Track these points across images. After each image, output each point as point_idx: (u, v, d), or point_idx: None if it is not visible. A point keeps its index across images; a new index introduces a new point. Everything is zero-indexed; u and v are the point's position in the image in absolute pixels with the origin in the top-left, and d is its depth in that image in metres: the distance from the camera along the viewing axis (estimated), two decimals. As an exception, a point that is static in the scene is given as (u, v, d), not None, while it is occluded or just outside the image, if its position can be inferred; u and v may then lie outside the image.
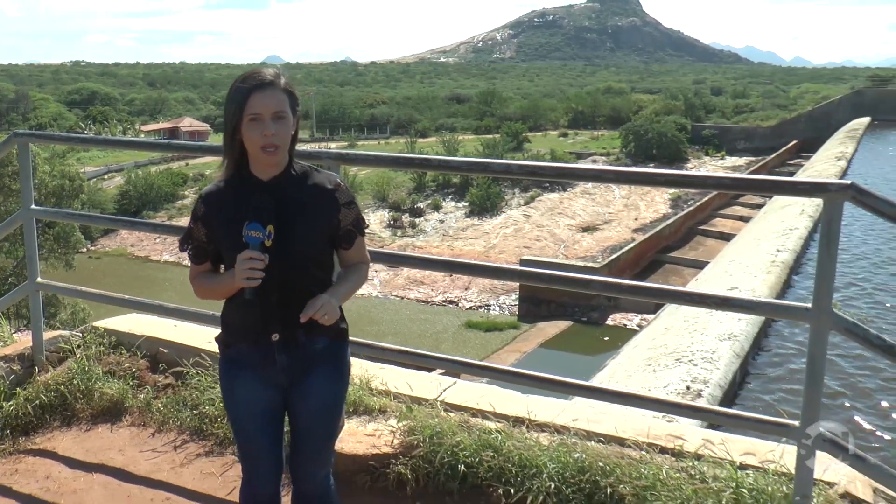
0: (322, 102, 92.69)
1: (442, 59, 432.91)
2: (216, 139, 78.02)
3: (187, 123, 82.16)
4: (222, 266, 2.56)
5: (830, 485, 3.18)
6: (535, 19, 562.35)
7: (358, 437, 3.59)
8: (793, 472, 2.99)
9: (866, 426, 7.80)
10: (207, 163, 56.96)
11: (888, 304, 11.71)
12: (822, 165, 31.53)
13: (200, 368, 4.20)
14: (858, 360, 9.03)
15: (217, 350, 2.69)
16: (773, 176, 7.31)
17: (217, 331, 2.69)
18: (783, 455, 3.23)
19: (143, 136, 70.31)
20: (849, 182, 2.86)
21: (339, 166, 3.70)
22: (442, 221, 44.81)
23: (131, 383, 4.39)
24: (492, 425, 3.59)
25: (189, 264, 2.60)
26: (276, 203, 2.39)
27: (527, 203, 46.14)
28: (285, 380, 2.55)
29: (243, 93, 2.37)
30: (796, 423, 2.96)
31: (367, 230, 2.65)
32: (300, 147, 2.91)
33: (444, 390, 3.99)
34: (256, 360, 2.52)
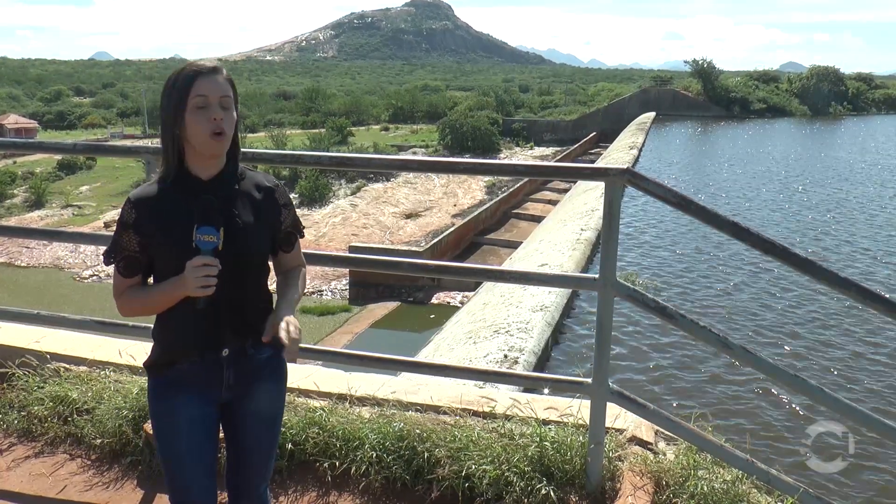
0: (153, 99, 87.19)
1: (268, 58, 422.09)
2: (45, 136, 71.84)
3: (13, 120, 74.35)
4: (150, 279, 2.18)
5: (620, 431, 3.40)
6: (355, 21, 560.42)
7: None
8: (588, 423, 3.14)
9: (648, 378, 8.42)
10: (37, 160, 52.12)
11: (691, 276, 12.95)
12: (618, 154, 33.45)
13: (27, 369, 3.88)
14: (644, 322, 9.71)
15: (44, 349, 2.41)
16: (563, 163, 7.67)
17: (50, 334, 2.44)
18: (580, 409, 3.39)
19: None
20: (625, 167, 3.02)
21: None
22: (273, 213, 43.84)
23: (-52, 389, 3.99)
24: (316, 403, 3.56)
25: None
26: (222, 203, 2.08)
27: (353, 193, 45.91)
28: (228, 396, 2.23)
29: (187, 78, 2.05)
30: (589, 380, 3.12)
31: None
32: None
33: (270, 374, 3.90)
34: (201, 378, 2.18)
